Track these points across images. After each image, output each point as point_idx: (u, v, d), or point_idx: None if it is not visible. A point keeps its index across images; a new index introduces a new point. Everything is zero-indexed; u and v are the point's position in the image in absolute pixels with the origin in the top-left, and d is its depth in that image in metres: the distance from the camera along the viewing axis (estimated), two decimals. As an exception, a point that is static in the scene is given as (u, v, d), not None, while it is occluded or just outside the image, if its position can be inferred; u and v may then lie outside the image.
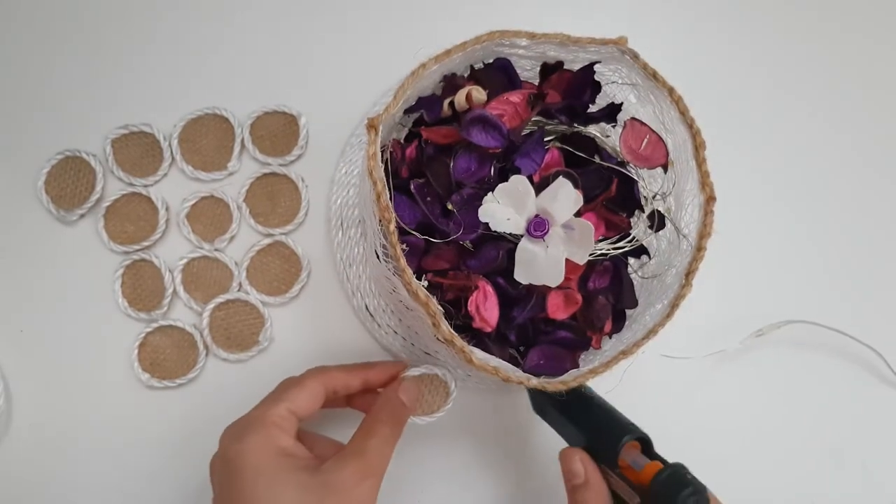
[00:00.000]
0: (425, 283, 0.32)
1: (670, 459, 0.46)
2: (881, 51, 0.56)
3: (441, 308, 0.31)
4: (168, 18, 0.50)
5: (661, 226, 0.39)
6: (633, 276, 0.40)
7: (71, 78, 0.49)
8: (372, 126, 0.33)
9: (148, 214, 0.47)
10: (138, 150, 0.48)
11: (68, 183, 0.47)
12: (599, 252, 0.38)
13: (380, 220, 0.32)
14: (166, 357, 0.46)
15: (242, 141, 0.48)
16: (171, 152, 0.48)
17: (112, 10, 0.50)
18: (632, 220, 0.40)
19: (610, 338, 0.38)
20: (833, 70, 0.56)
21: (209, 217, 0.47)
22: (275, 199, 0.48)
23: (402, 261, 0.31)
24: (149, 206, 0.47)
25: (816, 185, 0.53)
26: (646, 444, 0.36)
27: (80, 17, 0.50)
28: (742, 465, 0.49)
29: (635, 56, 0.37)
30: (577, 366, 0.37)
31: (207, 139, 0.48)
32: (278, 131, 0.49)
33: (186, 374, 0.46)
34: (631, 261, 0.41)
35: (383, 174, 0.32)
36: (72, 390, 0.45)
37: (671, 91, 0.37)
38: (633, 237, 0.39)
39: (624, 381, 0.44)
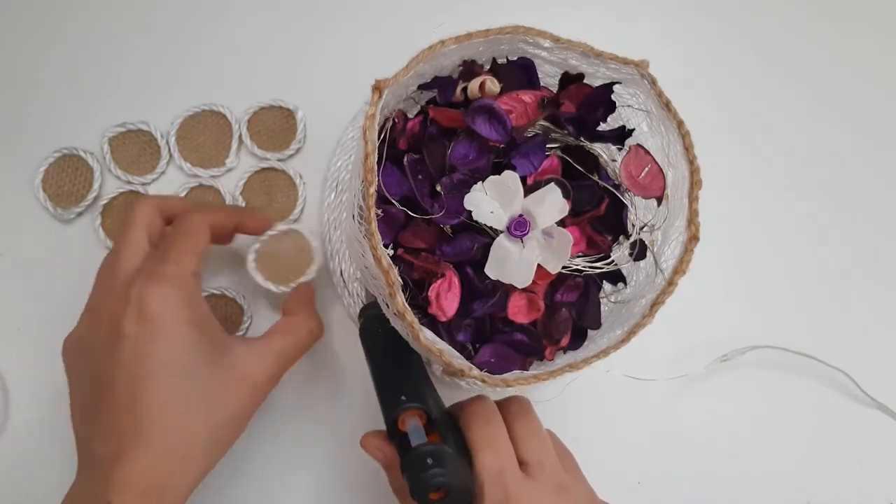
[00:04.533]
0: (392, 254, 0.32)
1: (636, 479, 0.46)
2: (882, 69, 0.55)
3: (401, 281, 0.31)
4: (164, 16, 0.50)
5: (642, 256, 0.39)
6: (603, 300, 0.40)
7: (68, 76, 0.49)
8: (377, 88, 0.33)
9: None
10: (136, 148, 0.48)
11: (66, 181, 0.47)
12: (575, 267, 0.38)
13: (362, 181, 0.32)
14: None
15: (240, 137, 0.48)
16: (169, 150, 0.48)
17: (109, 7, 0.50)
18: (615, 244, 0.40)
19: (564, 353, 0.38)
20: (812, 102, 0.55)
21: None
22: (271, 194, 0.48)
23: (374, 224, 0.31)
24: None
25: (783, 209, 0.53)
26: (430, 417, 0.35)
27: (76, 15, 0.50)
28: (707, 487, 0.48)
29: (653, 82, 0.37)
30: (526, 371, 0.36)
31: (205, 136, 0.48)
32: (276, 126, 0.49)
33: None
34: (606, 286, 0.41)
35: (376, 138, 0.32)
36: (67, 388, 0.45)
37: (680, 124, 0.37)
38: (612, 261, 0.39)
39: (588, 400, 0.44)
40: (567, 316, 0.37)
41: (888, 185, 0.54)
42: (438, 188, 0.37)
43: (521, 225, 0.35)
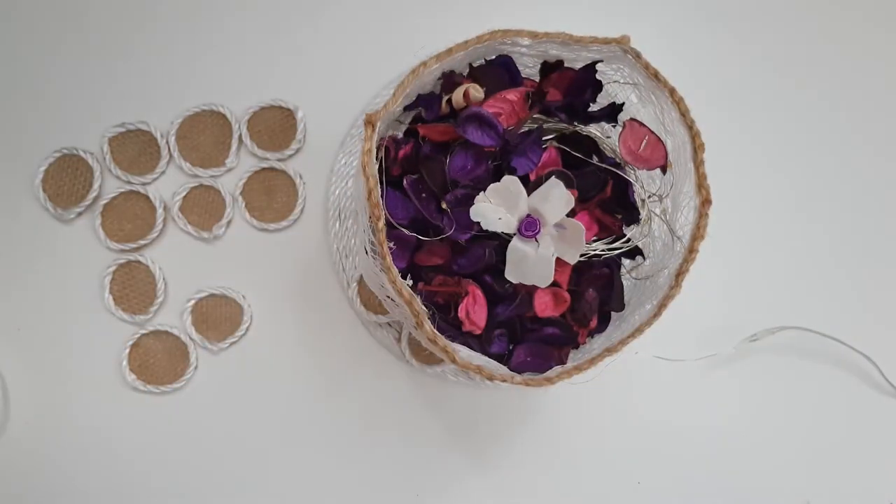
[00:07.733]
0: (411, 283, 0.32)
1: (664, 462, 0.46)
2: (884, 54, 0.54)
3: (425, 308, 0.32)
4: (163, 16, 0.50)
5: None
6: (625, 276, 0.40)
7: (68, 76, 0.49)
8: (370, 122, 0.33)
9: (145, 213, 0.48)
10: (135, 148, 0.48)
11: (66, 181, 0.47)
12: (593, 252, 0.38)
13: (369, 217, 0.32)
14: (156, 362, 0.47)
15: (240, 136, 0.49)
16: (169, 150, 0.48)
17: (109, 8, 0.50)
18: (632, 223, 0.40)
19: (592, 336, 0.38)
20: (835, 71, 0.54)
21: (202, 206, 0.48)
22: (271, 194, 0.49)
23: (388, 259, 0.31)
24: (146, 205, 0.48)
25: (815, 191, 0.52)
26: None
27: (76, 16, 0.50)
28: (732, 467, 0.49)
29: (637, 55, 0.37)
30: (563, 362, 0.37)
31: (205, 136, 0.49)
32: (276, 126, 0.49)
33: (173, 384, 0.46)
34: (625, 261, 0.41)
35: (377, 171, 0.32)
36: (67, 388, 0.46)
37: (672, 91, 0.36)
38: (629, 238, 0.39)
39: (617, 381, 0.45)
40: (594, 295, 0.37)
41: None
42: (444, 205, 0.37)
43: (532, 225, 0.35)
